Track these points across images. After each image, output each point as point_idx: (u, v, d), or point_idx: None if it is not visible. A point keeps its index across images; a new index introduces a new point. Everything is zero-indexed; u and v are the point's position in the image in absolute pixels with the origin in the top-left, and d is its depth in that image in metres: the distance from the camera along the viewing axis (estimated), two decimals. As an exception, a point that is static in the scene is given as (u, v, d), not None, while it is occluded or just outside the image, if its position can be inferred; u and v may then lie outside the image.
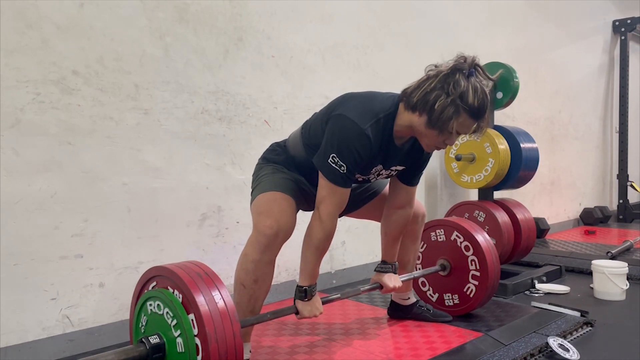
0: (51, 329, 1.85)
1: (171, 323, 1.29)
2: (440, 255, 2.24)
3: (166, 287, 1.35)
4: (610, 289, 2.55)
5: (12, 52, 1.75)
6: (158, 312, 1.34)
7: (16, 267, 1.77)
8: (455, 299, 2.21)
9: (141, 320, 1.42)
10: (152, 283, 1.42)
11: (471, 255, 2.15)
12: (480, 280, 2.12)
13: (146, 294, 1.40)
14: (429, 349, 1.85)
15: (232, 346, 1.26)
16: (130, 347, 1.33)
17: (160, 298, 1.33)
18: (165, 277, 1.36)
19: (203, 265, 1.38)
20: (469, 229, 2.16)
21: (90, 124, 1.93)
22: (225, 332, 1.26)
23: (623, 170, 5.47)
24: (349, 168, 1.60)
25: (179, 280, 1.30)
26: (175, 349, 1.29)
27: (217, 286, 1.32)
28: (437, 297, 2.27)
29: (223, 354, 1.24)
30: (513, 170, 3.10)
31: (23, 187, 1.78)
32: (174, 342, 1.29)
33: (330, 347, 1.90)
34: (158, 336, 1.32)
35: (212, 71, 2.28)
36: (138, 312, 1.43)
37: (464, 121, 1.56)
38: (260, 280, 1.66)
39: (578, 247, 3.85)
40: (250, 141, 2.42)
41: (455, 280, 2.20)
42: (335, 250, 2.82)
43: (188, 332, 1.25)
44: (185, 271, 1.32)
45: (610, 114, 5.70)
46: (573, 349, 1.81)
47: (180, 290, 1.30)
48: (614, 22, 5.63)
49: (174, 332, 1.29)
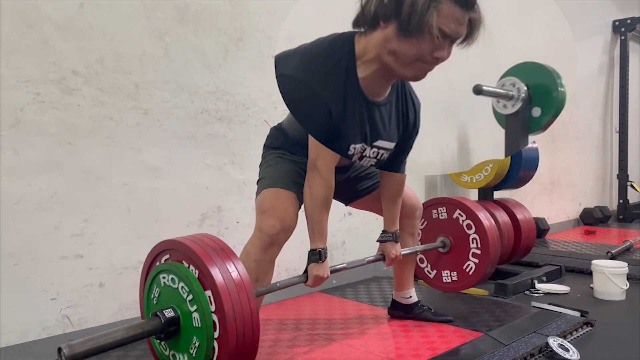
0: (51, 329, 1.85)
1: (187, 297, 1.27)
2: (441, 232, 2.25)
3: (180, 260, 1.32)
4: (610, 289, 2.55)
5: (12, 52, 1.74)
6: (172, 285, 1.31)
7: (16, 267, 1.77)
8: (454, 276, 2.21)
9: (153, 292, 1.39)
10: (165, 256, 1.39)
11: (473, 233, 2.15)
12: (480, 259, 2.13)
13: (159, 266, 1.37)
14: (429, 348, 1.85)
15: (249, 323, 1.25)
16: (144, 321, 1.31)
17: (174, 272, 1.31)
18: (178, 250, 1.33)
19: (217, 239, 1.35)
20: (472, 208, 2.17)
21: (90, 124, 1.93)
22: (243, 310, 1.24)
23: (623, 170, 5.47)
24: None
25: (194, 255, 1.28)
26: (191, 323, 1.28)
27: (232, 261, 1.30)
28: (434, 274, 2.27)
29: (241, 331, 1.23)
30: (513, 170, 3.09)
31: (23, 187, 1.78)
32: (190, 316, 1.28)
33: (330, 347, 1.90)
34: (172, 309, 1.30)
35: (212, 71, 2.28)
36: (150, 284, 1.40)
37: (448, 11, 1.24)
38: (261, 279, 1.66)
39: (578, 247, 3.85)
40: (251, 141, 2.42)
41: (454, 257, 2.21)
42: (335, 250, 2.82)
43: (205, 309, 1.24)
44: (201, 246, 1.29)
45: (610, 114, 5.70)
46: (573, 349, 1.81)
47: (196, 265, 1.27)
48: (614, 22, 5.63)
49: (190, 307, 1.27)
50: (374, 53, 1.35)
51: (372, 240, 2.26)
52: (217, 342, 1.24)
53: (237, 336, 1.23)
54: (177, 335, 1.32)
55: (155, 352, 1.44)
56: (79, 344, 1.17)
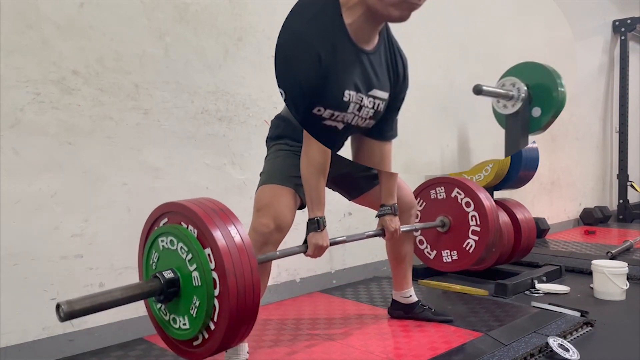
0: (51, 329, 1.85)
1: (186, 258, 1.26)
2: (440, 212, 2.25)
3: (179, 222, 1.31)
4: (610, 289, 2.54)
5: (12, 52, 1.74)
6: (171, 247, 1.30)
7: (16, 267, 1.77)
8: (454, 255, 2.22)
9: (152, 257, 1.38)
10: (163, 220, 1.37)
11: (472, 211, 2.16)
12: (480, 236, 2.14)
13: (157, 230, 1.36)
14: (429, 348, 1.85)
15: (249, 281, 1.24)
16: (144, 282, 1.30)
17: (173, 233, 1.30)
18: (177, 212, 1.32)
19: (215, 201, 1.34)
20: (470, 186, 2.18)
21: (90, 124, 1.93)
22: (243, 267, 1.23)
23: (623, 170, 5.47)
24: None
25: (193, 215, 1.26)
26: (190, 283, 1.26)
27: (232, 221, 1.28)
28: (434, 255, 2.28)
29: (241, 288, 1.22)
30: (513, 170, 3.09)
31: (23, 187, 1.78)
32: (189, 277, 1.26)
33: (329, 347, 1.90)
34: (172, 271, 1.29)
35: (212, 71, 2.28)
36: (148, 249, 1.39)
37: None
38: None
39: (578, 247, 3.85)
40: (251, 141, 2.42)
41: (454, 236, 2.22)
42: (335, 250, 2.82)
43: (205, 266, 1.23)
44: (199, 206, 1.29)
45: (610, 114, 5.70)
46: (573, 349, 1.81)
47: (195, 225, 1.26)
48: (614, 22, 5.63)
49: (189, 267, 1.26)
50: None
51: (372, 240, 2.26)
52: (218, 299, 1.23)
53: (238, 293, 1.21)
54: (177, 297, 1.30)
55: (155, 318, 1.41)
56: (77, 301, 1.16)
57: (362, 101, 1.59)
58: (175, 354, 1.84)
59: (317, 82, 1.44)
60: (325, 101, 1.52)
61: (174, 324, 1.35)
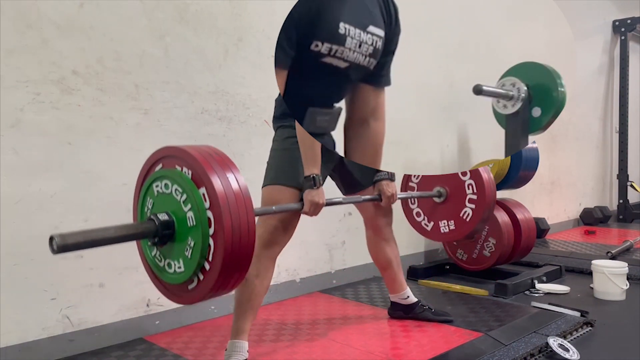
0: (51, 329, 1.85)
1: (180, 199, 1.25)
2: (437, 183, 2.26)
3: (173, 166, 1.30)
4: (610, 289, 2.54)
5: (12, 52, 1.74)
6: (165, 191, 1.29)
7: (16, 267, 1.77)
8: (451, 225, 2.23)
9: (147, 204, 1.36)
10: (158, 166, 1.36)
11: (468, 179, 2.17)
12: (477, 203, 2.15)
13: (152, 175, 1.35)
14: (429, 348, 1.85)
15: (244, 220, 1.22)
16: (138, 222, 1.29)
17: (167, 177, 1.28)
18: (172, 156, 1.31)
19: (210, 146, 1.33)
20: None
21: (90, 124, 1.93)
22: (238, 206, 1.22)
23: (623, 170, 5.47)
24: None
25: (187, 156, 1.25)
26: (185, 225, 1.25)
27: (226, 163, 1.27)
28: (432, 226, 2.29)
29: (236, 226, 1.20)
30: (513, 170, 3.09)
31: (23, 187, 1.78)
32: (184, 219, 1.25)
33: (329, 347, 1.90)
34: (167, 214, 1.28)
35: (212, 71, 2.28)
36: (143, 197, 1.37)
37: None
38: (261, 275, 1.67)
39: (578, 247, 3.85)
40: (251, 141, 2.42)
41: (451, 206, 2.23)
42: (335, 250, 2.82)
43: (200, 205, 1.21)
44: (194, 149, 1.27)
45: (610, 114, 5.70)
46: (573, 349, 1.81)
47: (190, 166, 1.25)
48: (614, 22, 5.63)
49: (184, 208, 1.25)
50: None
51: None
52: (213, 238, 1.21)
53: (233, 231, 1.19)
54: (171, 241, 1.29)
55: (150, 266, 1.40)
56: (71, 234, 1.14)
57: (361, 37, 1.61)
58: (175, 354, 1.85)
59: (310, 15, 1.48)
60: (321, 34, 1.53)
61: (168, 269, 1.32)
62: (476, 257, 2.92)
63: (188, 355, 1.84)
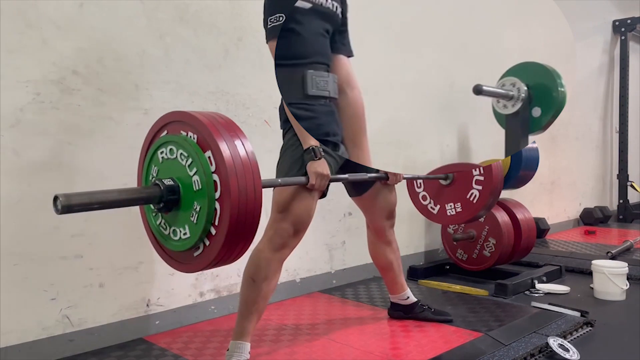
0: (51, 329, 1.85)
1: (186, 164, 1.24)
2: (442, 172, 2.25)
3: (178, 131, 1.28)
4: (610, 289, 2.55)
5: (12, 52, 1.74)
6: (170, 156, 1.28)
7: (16, 267, 1.77)
8: (458, 207, 2.21)
9: (151, 172, 1.34)
10: (163, 132, 1.34)
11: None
12: (484, 185, 2.13)
13: (157, 142, 1.33)
14: (429, 348, 1.85)
15: (250, 182, 1.21)
16: (143, 187, 1.27)
17: (172, 141, 1.27)
18: (177, 121, 1.30)
19: (217, 113, 1.32)
20: None
21: (90, 124, 1.93)
22: (244, 168, 1.21)
23: (623, 170, 5.47)
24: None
25: (193, 120, 1.24)
26: (191, 190, 1.23)
27: (232, 127, 1.26)
28: (438, 209, 2.27)
29: (242, 189, 1.19)
30: (513, 170, 3.09)
31: (23, 187, 1.78)
32: (190, 184, 1.23)
33: (329, 347, 1.90)
34: (172, 179, 1.26)
35: (212, 71, 2.28)
36: (148, 164, 1.35)
37: None
38: (270, 278, 1.67)
39: (578, 247, 3.85)
40: (251, 141, 2.41)
41: (457, 188, 2.21)
42: (335, 250, 2.82)
43: (206, 169, 1.20)
44: (199, 113, 1.26)
45: (610, 114, 5.70)
46: (573, 349, 1.81)
47: (195, 130, 1.24)
48: (614, 22, 5.63)
49: (189, 172, 1.23)
50: None
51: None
52: (219, 202, 1.19)
53: (239, 193, 1.18)
54: (176, 208, 1.27)
55: (155, 235, 1.38)
56: (76, 195, 1.14)
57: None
58: (175, 354, 1.85)
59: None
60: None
61: (174, 236, 1.31)
62: (476, 257, 2.92)
63: (188, 355, 1.84)
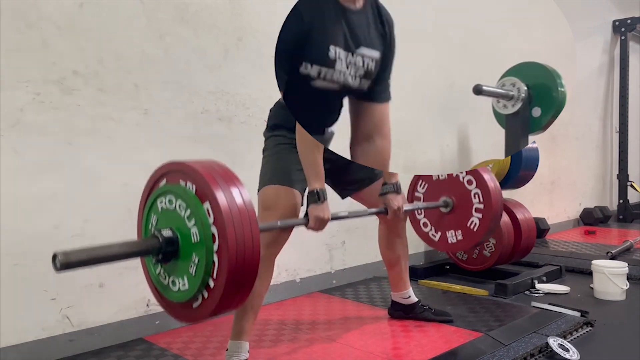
0: (51, 329, 1.85)
1: (184, 215, 1.24)
2: (443, 193, 2.24)
3: (177, 181, 1.29)
4: (610, 289, 2.54)
5: (12, 52, 1.74)
6: (169, 207, 1.28)
7: (16, 267, 1.77)
8: (459, 235, 2.20)
9: (151, 221, 1.35)
10: (162, 181, 1.35)
11: (474, 188, 2.15)
12: (484, 213, 2.12)
13: (156, 191, 1.34)
14: (429, 348, 1.85)
15: (249, 234, 1.21)
16: (142, 239, 1.28)
17: (171, 192, 1.27)
18: (175, 171, 1.30)
19: (213, 160, 1.33)
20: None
21: (90, 124, 1.93)
22: (242, 220, 1.20)
23: (623, 170, 5.47)
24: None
25: (191, 171, 1.24)
26: (189, 241, 1.23)
27: (231, 178, 1.26)
28: (439, 236, 2.26)
29: (240, 241, 1.19)
30: (513, 170, 3.09)
31: (23, 187, 1.78)
32: (188, 235, 1.24)
33: (329, 347, 1.90)
34: (171, 230, 1.26)
35: (212, 71, 2.28)
36: (147, 213, 1.36)
37: None
38: (262, 275, 1.66)
39: (578, 247, 3.85)
40: (251, 141, 2.42)
41: (458, 216, 2.20)
42: (335, 250, 2.82)
43: (204, 220, 1.20)
44: (198, 163, 1.27)
45: (610, 114, 5.70)
46: (573, 349, 1.81)
47: (193, 180, 1.24)
48: (614, 22, 5.62)
49: (188, 223, 1.23)
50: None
51: (372, 240, 2.26)
52: (217, 254, 1.20)
53: (237, 246, 1.18)
54: (175, 258, 1.28)
55: (154, 284, 1.39)
56: (74, 252, 1.14)
57: (351, 59, 1.60)
58: (175, 354, 1.85)
59: (300, 37, 1.48)
60: (310, 56, 1.53)
61: (173, 287, 1.31)
62: (476, 257, 2.92)
63: (188, 355, 1.84)
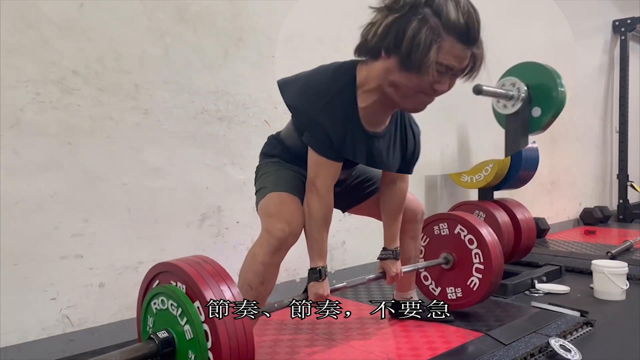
0: (51, 329, 1.85)
1: (177, 314, 1.29)
2: (444, 249, 2.24)
3: (168, 282, 1.36)
4: (610, 289, 2.54)
5: (12, 52, 1.74)
6: (163, 307, 1.34)
7: (16, 267, 1.77)
8: (458, 293, 2.20)
9: (148, 323, 1.42)
10: (155, 282, 1.42)
11: (475, 248, 2.14)
12: (484, 274, 2.12)
13: (149, 294, 1.40)
14: (429, 348, 1.85)
15: (241, 329, 1.25)
16: (140, 344, 1.33)
17: (163, 293, 1.34)
18: (167, 272, 1.37)
19: (201, 255, 1.38)
20: (473, 223, 2.16)
21: (90, 124, 1.93)
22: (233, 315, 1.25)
23: (623, 170, 5.47)
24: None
25: (180, 271, 1.31)
26: (184, 339, 1.29)
27: (219, 273, 1.31)
28: (439, 291, 2.26)
29: (233, 337, 1.23)
30: (513, 170, 3.09)
31: (23, 187, 1.78)
32: (183, 334, 1.29)
33: (330, 347, 1.90)
34: (166, 331, 1.32)
35: (212, 71, 2.28)
36: (144, 315, 1.43)
37: (449, 47, 1.23)
38: (266, 282, 1.66)
39: (578, 247, 3.85)
40: (251, 141, 2.42)
41: (458, 273, 2.20)
42: (335, 250, 2.82)
43: (195, 318, 1.25)
44: (186, 263, 1.33)
45: (610, 114, 5.70)
46: (574, 349, 1.81)
47: (183, 280, 1.30)
48: (614, 22, 5.63)
49: (181, 322, 1.29)
50: (375, 83, 1.37)
51: (372, 240, 2.27)
52: (211, 352, 1.24)
53: (230, 343, 1.23)
54: (173, 357, 1.33)
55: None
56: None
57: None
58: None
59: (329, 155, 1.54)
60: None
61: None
62: (476, 257, 2.91)
63: (188, 356, 1.84)
